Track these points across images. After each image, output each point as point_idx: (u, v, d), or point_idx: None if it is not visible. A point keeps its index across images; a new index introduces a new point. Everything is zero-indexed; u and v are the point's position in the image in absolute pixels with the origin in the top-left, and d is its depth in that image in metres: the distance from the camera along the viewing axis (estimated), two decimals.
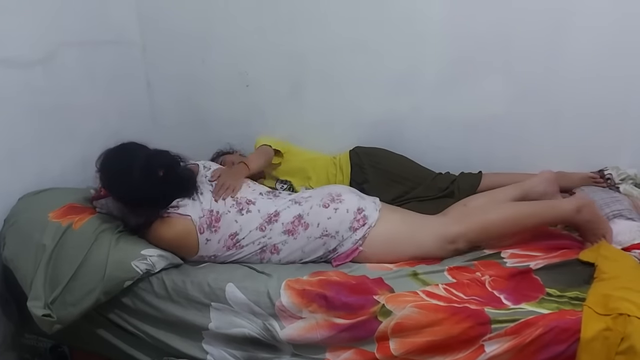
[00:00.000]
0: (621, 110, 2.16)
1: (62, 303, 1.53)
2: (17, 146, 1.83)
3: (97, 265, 1.56)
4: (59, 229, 1.62)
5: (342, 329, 1.47)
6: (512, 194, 1.96)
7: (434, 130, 2.38)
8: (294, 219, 1.73)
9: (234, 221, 1.70)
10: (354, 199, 1.80)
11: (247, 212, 1.72)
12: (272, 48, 2.41)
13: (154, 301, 1.62)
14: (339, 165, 2.36)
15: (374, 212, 1.76)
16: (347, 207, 1.75)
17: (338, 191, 1.83)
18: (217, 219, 1.69)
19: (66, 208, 1.73)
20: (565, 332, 1.33)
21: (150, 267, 1.61)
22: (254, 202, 1.76)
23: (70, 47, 2.05)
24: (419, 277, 1.58)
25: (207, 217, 1.68)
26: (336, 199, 1.78)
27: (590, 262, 1.57)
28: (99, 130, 2.23)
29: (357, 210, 1.75)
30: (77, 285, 1.55)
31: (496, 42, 2.18)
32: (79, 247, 1.58)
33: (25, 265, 1.59)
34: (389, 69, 2.33)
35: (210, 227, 1.67)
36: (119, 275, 1.57)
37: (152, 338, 1.63)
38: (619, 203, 1.88)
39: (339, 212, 1.73)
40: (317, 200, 1.77)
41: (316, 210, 1.74)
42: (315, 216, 1.73)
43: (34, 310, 1.51)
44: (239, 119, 2.57)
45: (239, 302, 1.55)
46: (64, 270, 1.56)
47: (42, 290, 1.53)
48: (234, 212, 1.72)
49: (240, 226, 1.71)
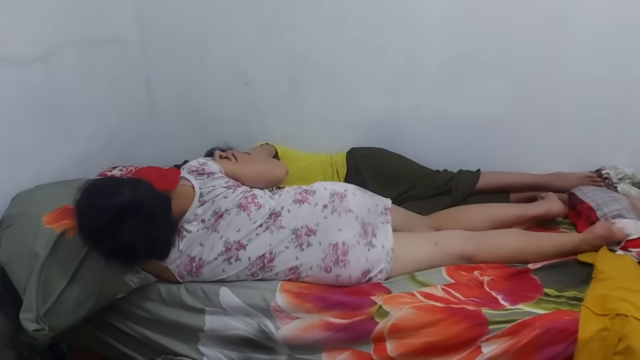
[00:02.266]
0: (619, 110, 2.16)
1: (54, 313, 1.51)
2: (15, 144, 1.82)
3: (90, 278, 1.53)
4: (52, 237, 1.56)
5: (339, 329, 1.46)
6: (511, 215, 1.89)
7: (433, 129, 2.38)
8: (289, 272, 1.56)
9: (221, 270, 1.56)
10: (360, 258, 1.55)
11: (235, 260, 1.55)
12: (271, 47, 2.41)
13: (149, 306, 1.62)
14: (335, 167, 2.35)
15: (385, 266, 1.58)
16: (350, 274, 1.54)
17: (344, 240, 1.55)
18: (199, 266, 1.56)
19: (61, 211, 1.66)
20: (562, 332, 1.33)
21: (144, 281, 1.60)
22: (245, 246, 1.56)
23: (69, 45, 2.04)
24: (416, 279, 1.58)
25: (187, 265, 1.56)
26: (340, 259, 1.53)
27: (589, 262, 1.57)
28: (97, 129, 2.24)
29: (362, 274, 1.55)
30: (69, 296, 1.52)
31: (495, 41, 2.18)
32: (71, 258, 1.54)
33: (18, 271, 1.57)
34: (388, 68, 2.33)
35: (191, 274, 1.58)
36: (111, 289, 1.56)
37: (148, 339, 1.63)
38: (618, 203, 1.88)
39: (340, 280, 1.55)
40: (318, 254, 1.54)
41: (315, 273, 1.55)
42: (314, 280, 1.57)
43: (25, 325, 1.49)
44: (238, 118, 2.57)
45: (233, 305, 1.54)
46: (56, 282, 1.52)
47: (35, 302, 1.51)
48: (221, 260, 1.55)
49: (227, 275, 1.57)
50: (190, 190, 1.58)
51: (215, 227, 1.57)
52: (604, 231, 1.66)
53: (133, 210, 1.44)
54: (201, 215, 1.57)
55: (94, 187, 1.51)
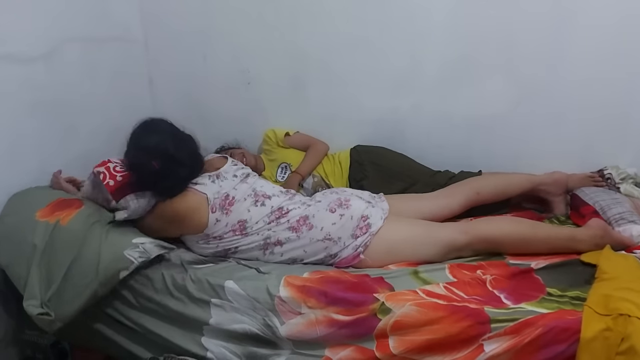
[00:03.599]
0: (623, 110, 2.15)
1: (59, 300, 1.54)
2: (18, 142, 1.83)
3: (90, 259, 1.56)
4: (48, 227, 1.61)
5: (342, 326, 1.47)
6: (522, 187, 2.05)
7: (435, 129, 2.38)
8: (300, 218, 1.75)
9: (247, 210, 1.75)
10: (361, 206, 1.79)
11: (261, 205, 1.78)
12: (274, 45, 2.41)
13: (154, 296, 1.63)
14: (338, 160, 2.39)
15: (378, 220, 1.76)
16: (352, 214, 1.75)
17: (347, 197, 1.83)
18: (231, 203, 1.74)
19: (54, 204, 1.71)
20: (565, 332, 1.32)
21: (144, 255, 1.61)
22: (270, 197, 1.81)
23: (72, 43, 2.05)
24: (419, 276, 1.59)
25: (222, 199, 1.73)
26: (344, 204, 1.78)
27: (592, 263, 1.57)
28: (100, 127, 2.24)
29: (361, 217, 1.75)
30: (72, 281, 1.55)
31: (498, 41, 2.18)
32: (70, 243, 1.58)
33: (18, 268, 1.60)
34: (391, 66, 2.33)
35: (223, 209, 1.73)
36: (113, 266, 1.57)
37: (152, 333, 1.63)
38: (621, 205, 1.87)
39: (344, 219, 1.74)
40: (325, 204, 1.80)
41: (322, 214, 1.76)
42: (320, 220, 1.75)
43: (29, 310, 1.51)
44: (241, 116, 2.58)
45: (239, 297, 1.56)
46: (57, 268, 1.56)
47: (38, 289, 1.53)
48: (250, 201, 1.77)
49: (251, 215, 1.75)
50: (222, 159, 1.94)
51: (245, 180, 1.85)
52: (599, 224, 1.73)
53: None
54: (234, 170, 1.88)
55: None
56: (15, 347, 1.83)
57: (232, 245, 1.75)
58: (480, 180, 2.09)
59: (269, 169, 2.45)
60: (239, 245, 1.75)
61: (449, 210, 1.95)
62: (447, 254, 1.71)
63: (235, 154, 2.37)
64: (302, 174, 2.32)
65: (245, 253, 1.76)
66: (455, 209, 1.96)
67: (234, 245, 1.75)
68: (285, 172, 2.40)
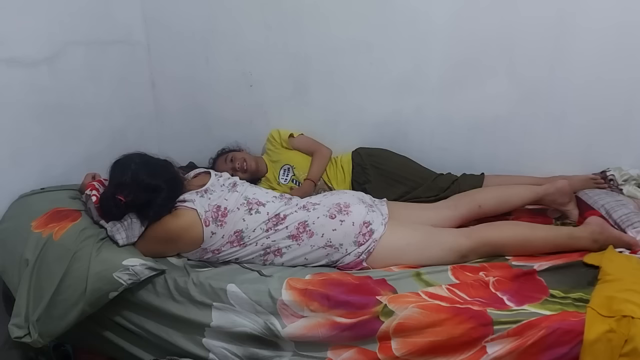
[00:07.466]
0: (625, 112, 2.16)
1: (48, 317, 1.53)
2: (21, 145, 1.84)
3: (79, 278, 1.54)
4: (40, 242, 1.61)
5: (344, 328, 1.47)
6: (525, 199, 2.00)
7: (437, 131, 2.38)
8: (299, 224, 1.73)
9: (241, 219, 1.72)
10: (362, 211, 1.78)
11: (255, 213, 1.74)
12: (276, 49, 2.42)
13: (156, 300, 1.62)
14: (340, 163, 2.39)
15: (380, 227, 1.74)
16: (354, 220, 1.74)
17: (347, 201, 1.81)
18: (224, 214, 1.71)
19: (50, 214, 1.70)
20: (568, 333, 1.32)
21: (134, 278, 1.59)
22: (264, 204, 1.77)
23: (75, 46, 2.05)
24: (422, 278, 1.59)
25: (213, 212, 1.70)
26: (344, 210, 1.77)
27: (595, 264, 1.56)
28: (103, 130, 2.24)
29: (363, 223, 1.74)
30: (60, 299, 1.54)
31: (500, 44, 2.18)
32: (59, 260, 1.57)
33: (12, 278, 1.61)
34: (393, 70, 2.33)
35: (216, 221, 1.69)
36: (101, 288, 1.55)
37: (154, 335, 1.64)
38: (625, 207, 1.87)
39: (345, 225, 1.72)
40: (324, 209, 1.77)
41: (322, 221, 1.73)
42: (321, 226, 1.72)
43: (10, 331, 1.52)
44: (243, 119, 2.58)
45: (241, 301, 1.55)
46: (46, 286, 1.55)
47: (24, 308, 1.54)
48: (243, 210, 1.74)
49: (246, 225, 1.72)
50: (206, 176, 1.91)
51: (234, 189, 1.82)
52: (597, 221, 1.75)
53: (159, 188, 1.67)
54: (221, 182, 1.86)
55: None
56: (18, 349, 1.83)
57: (232, 258, 1.74)
58: (483, 193, 2.05)
59: (271, 170, 2.45)
60: (238, 257, 1.73)
61: (449, 221, 1.93)
62: (451, 259, 1.70)
63: (237, 157, 2.37)
64: (315, 180, 2.32)
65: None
66: (457, 222, 1.94)
67: (233, 257, 1.74)
68: (287, 174, 2.40)
